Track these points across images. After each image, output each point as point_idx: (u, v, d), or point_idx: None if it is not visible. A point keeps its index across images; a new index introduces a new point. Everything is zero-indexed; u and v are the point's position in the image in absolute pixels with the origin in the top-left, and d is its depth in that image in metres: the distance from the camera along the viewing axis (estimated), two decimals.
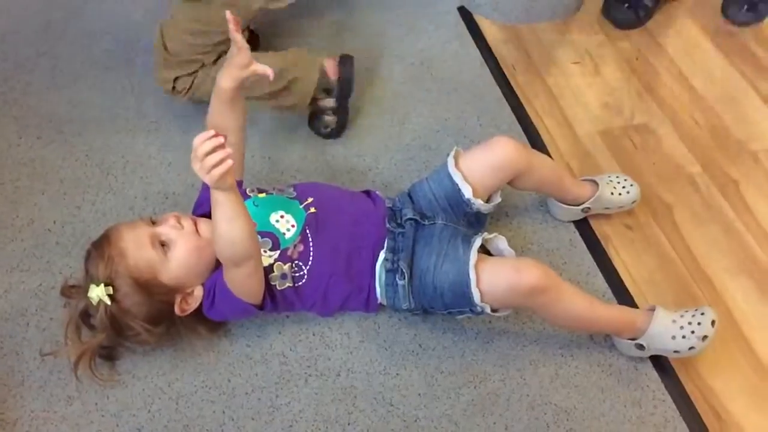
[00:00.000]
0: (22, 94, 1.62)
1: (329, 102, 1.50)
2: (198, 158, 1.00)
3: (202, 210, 1.24)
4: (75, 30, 1.75)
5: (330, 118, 1.52)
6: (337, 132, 1.55)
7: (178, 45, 1.45)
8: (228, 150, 1.00)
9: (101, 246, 1.15)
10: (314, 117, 1.54)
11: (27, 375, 1.20)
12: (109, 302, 1.12)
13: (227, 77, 1.15)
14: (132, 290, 1.13)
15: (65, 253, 1.35)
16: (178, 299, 1.17)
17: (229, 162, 0.99)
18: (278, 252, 1.19)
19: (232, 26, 1.10)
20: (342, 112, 1.52)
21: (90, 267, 1.15)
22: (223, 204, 1.04)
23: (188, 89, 1.47)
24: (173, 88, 1.47)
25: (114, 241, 1.14)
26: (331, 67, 1.49)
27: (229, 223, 1.05)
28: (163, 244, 1.15)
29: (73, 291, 1.22)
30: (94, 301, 1.13)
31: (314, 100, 1.51)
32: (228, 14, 1.09)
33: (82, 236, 1.36)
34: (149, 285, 1.13)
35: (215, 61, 1.46)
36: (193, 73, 1.46)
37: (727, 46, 1.79)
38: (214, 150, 0.99)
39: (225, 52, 1.40)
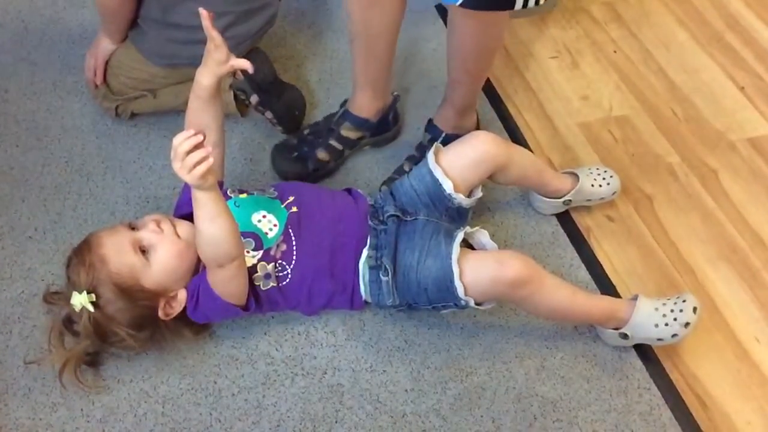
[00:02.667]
0: (0, 101, 1.61)
1: (254, 98, 1.49)
2: (178, 158, 1.00)
3: (183, 211, 1.24)
4: (53, 36, 1.74)
5: (267, 113, 1.51)
6: (288, 125, 1.52)
7: (121, 86, 1.51)
8: (208, 148, 1.00)
9: (82, 253, 1.14)
10: (263, 116, 1.54)
11: (11, 383, 1.19)
12: (92, 309, 1.11)
13: (206, 74, 1.14)
14: (115, 296, 1.12)
15: (47, 260, 1.34)
16: (161, 303, 1.16)
17: (211, 160, 1.00)
18: (261, 252, 1.19)
19: (206, 22, 1.08)
20: (272, 105, 1.50)
21: (71, 274, 1.15)
22: (205, 203, 1.04)
23: (129, 112, 1.54)
24: (116, 114, 1.54)
25: (94, 248, 1.13)
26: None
27: (211, 222, 1.05)
28: (144, 250, 1.14)
29: (56, 298, 1.21)
30: (77, 309, 1.12)
31: (243, 102, 1.51)
32: (201, 10, 1.08)
33: (64, 243, 1.35)
34: (132, 291, 1.13)
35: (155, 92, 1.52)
36: (133, 99, 1.52)
37: (704, 37, 1.81)
38: (194, 149, 0.99)
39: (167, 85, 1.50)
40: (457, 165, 1.25)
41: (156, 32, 1.44)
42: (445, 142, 1.36)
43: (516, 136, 1.57)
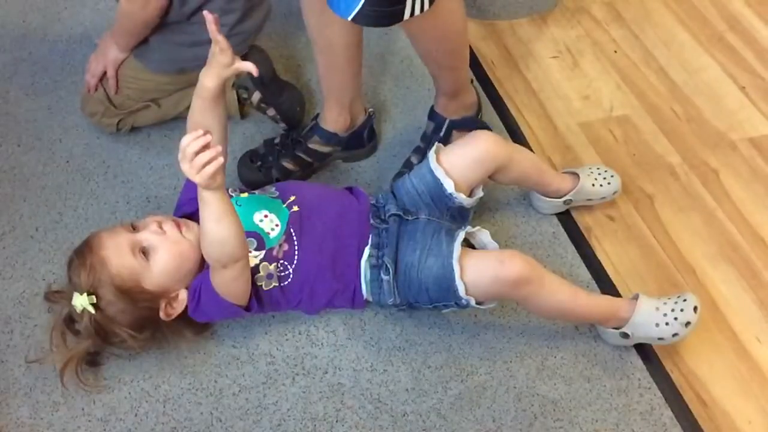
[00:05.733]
0: (1, 100, 1.61)
1: (256, 96, 1.49)
2: (187, 158, 0.99)
3: (184, 211, 1.24)
4: (54, 36, 1.75)
5: (269, 111, 1.51)
6: (291, 122, 1.52)
7: (124, 99, 1.48)
8: (218, 148, 1.00)
9: (83, 254, 1.14)
10: (265, 115, 1.53)
11: (12, 382, 1.19)
12: (93, 311, 1.12)
13: (211, 76, 1.13)
14: (115, 298, 1.13)
15: (48, 260, 1.34)
16: (162, 304, 1.16)
17: (221, 160, 0.99)
18: (263, 252, 1.19)
19: (212, 27, 1.08)
20: (275, 100, 1.50)
21: (72, 275, 1.15)
22: (212, 204, 1.04)
23: (130, 125, 1.52)
24: (117, 129, 1.51)
25: (95, 250, 1.14)
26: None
27: (217, 223, 1.05)
28: (145, 251, 1.14)
29: (57, 296, 1.21)
30: (78, 309, 1.12)
31: (245, 100, 1.50)
32: (206, 13, 1.07)
33: (65, 242, 1.35)
34: (132, 292, 1.13)
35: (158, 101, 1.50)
36: (135, 112, 1.50)
37: (705, 37, 1.80)
38: (202, 149, 0.99)
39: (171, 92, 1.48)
40: (458, 164, 1.25)
41: (165, 39, 1.42)
42: (451, 128, 1.38)
43: (517, 136, 1.57)
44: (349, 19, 1.10)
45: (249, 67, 1.11)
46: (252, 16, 1.45)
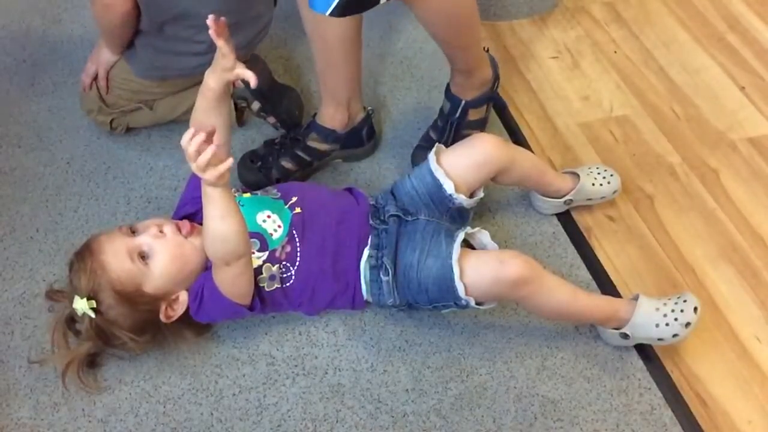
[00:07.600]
0: (1, 102, 1.61)
1: (255, 105, 1.49)
2: (190, 158, 0.99)
3: (185, 211, 1.24)
4: (54, 37, 1.75)
5: (269, 118, 1.51)
6: (290, 126, 1.52)
7: (115, 99, 1.49)
8: (212, 146, 0.99)
9: (83, 258, 1.14)
10: (266, 121, 1.54)
11: (13, 383, 1.19)
12: (93, 315, 1.12)
13: (213, 77, 1.12)
14: (116, 302, 1.13)
15: (48, 261, 1.35)
16: (163, 306, 1.16)
17: (230, 161, 0.98)
18: (266, 253, 1.19)
19: (212, 32, 1.06)
20: (275, 109, 1.50)
21: (73, 278, 1.15)
22: (216, 200, 1.04)
23: (125, 126, 1.52)
24: (111, 128, 1.52)
25: (96, 254, 1.14)
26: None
27: (222, 220, 1.05)
28: (144, 255, 1.14)
29: (59, 296, 1.22)
30: (79, 313, 1.13)
31: (244, 109, 1.51)
32: (211, 18, 1.07)
33: (65, 243, 1.35)
34: (133, 296, 1.13)
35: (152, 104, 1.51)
36: (129, 112, 1.51)
37: (704, 37, 1.81)
38: (203, 146, 0.99)
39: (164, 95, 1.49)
40: (459, 166, 1.25)
41: (146, 45, 1.42)
42: (467, 108, 1.41)
43: (517, 137, 1.57)
44: (327, 14, 1.10)
45: (248, 75, 1.09)
46: (239, 32, 1.42)
